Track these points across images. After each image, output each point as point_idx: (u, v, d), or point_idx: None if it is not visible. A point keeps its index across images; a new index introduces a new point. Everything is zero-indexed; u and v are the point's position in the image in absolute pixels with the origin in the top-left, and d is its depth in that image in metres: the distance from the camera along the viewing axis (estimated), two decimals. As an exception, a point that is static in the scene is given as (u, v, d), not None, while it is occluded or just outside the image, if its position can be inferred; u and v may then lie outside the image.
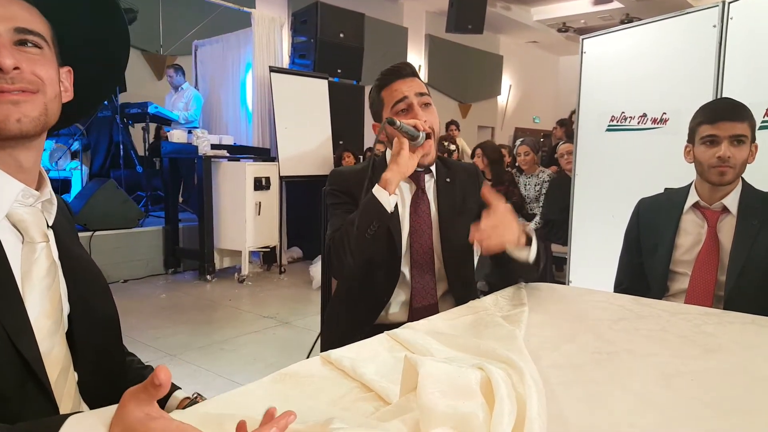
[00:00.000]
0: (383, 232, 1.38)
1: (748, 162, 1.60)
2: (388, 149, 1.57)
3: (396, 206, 1.49)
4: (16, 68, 0.75)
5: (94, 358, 0.86)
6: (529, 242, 1.37)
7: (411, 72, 1.52)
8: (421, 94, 1.49)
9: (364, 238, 1.33)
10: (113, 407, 0.57)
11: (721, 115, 1.58)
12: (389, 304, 1.51)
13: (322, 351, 0.99)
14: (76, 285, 0.85)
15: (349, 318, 1.52)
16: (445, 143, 6.40)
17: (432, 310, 1.47)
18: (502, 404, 0.66)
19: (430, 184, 1.57)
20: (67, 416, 0.57)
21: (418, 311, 1.47)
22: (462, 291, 1.53)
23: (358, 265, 1.38)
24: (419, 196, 1.54)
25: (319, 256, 3.69)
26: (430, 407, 0.66)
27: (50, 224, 0.83)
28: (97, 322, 0.87)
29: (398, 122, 1.35)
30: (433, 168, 1.57)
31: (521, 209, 4.54)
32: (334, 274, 1.46)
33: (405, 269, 1.50)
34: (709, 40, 2.59)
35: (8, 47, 0.75)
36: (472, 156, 4.67)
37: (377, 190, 1.36)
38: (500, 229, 1.27)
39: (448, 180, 1.58)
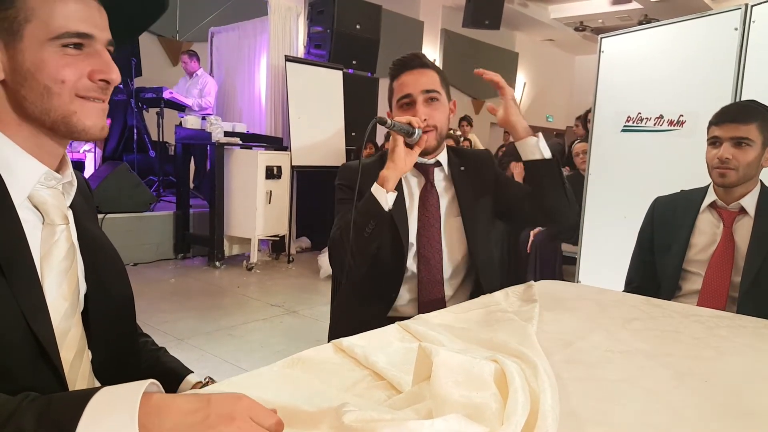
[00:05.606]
0: (382, 229, 1.37)
1: (763, 165, 1.59)
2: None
3: (403, 202, 1.48)
4: None
5: (109, 337, 0.86)
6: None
7: (419, 63, 1.49)
8: (427, 91, 1.46)
9: (363, 237, 1.33)
10: (139, 390, 0.56)
11: (727, 116, 1.59)
12: (398, 297, 1.50)
13: (329, 341, 0.99)
14: (93, 265, 0.85)
15: (360, 312, 1.51)
16: (458, 135, 6.35)
17: (439, 304, 1.46)
18: (516, 396, 0.66)
19: (440, 177, 1.56)
20: (93, 391, 0.56)
21: (425, 305, 1.47)
22: (488, 272, 1.54)
23: (360, 265, 1.37)
24: (428, 189, 1.53)
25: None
26: (443, 396, 0.66)
27: (68, 204, 0.83)
28: (112, 302, 0.88)
29: (389, 121, 1.34)
30: (444, 161, 1.56)
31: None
32: (337, 274, 1.45)
33: (412, 264, 1.50)
34: (730, 43, 2.55)
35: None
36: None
37: (375, 188, 1.36)
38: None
39: (462, 168, 1.58)
